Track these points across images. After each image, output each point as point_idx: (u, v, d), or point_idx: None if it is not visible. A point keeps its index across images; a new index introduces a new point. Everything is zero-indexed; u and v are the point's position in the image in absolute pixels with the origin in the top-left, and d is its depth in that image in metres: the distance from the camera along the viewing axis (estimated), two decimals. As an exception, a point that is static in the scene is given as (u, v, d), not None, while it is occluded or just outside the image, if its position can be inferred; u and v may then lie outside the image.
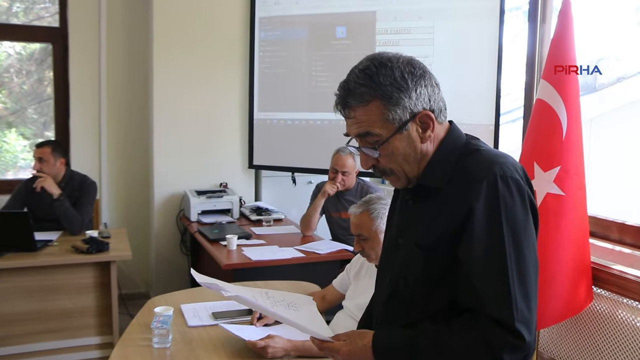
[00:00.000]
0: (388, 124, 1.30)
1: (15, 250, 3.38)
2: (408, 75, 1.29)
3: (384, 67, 1.29)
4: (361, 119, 1.32)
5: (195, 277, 1.69)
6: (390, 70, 1.29)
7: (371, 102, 1.30)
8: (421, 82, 1.31)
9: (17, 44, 4.97)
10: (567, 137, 2.82)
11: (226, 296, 1.59)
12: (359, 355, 1.37)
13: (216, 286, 1.62)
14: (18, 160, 5.14)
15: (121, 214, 5.00)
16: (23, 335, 3.37)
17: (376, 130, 1.31)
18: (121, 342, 2.25)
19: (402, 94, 1.28)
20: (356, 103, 1.31)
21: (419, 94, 1.30)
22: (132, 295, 4.79)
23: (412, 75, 1.30)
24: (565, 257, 2.79)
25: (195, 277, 1.69)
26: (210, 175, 4.87)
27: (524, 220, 1.26)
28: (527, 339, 1.21)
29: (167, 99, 4.71)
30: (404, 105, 1.29)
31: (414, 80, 1.30)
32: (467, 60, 4.03)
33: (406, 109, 1.29)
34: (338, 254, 3.59)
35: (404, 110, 1.29)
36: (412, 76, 1.30)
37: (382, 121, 1.30)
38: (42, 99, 5.08)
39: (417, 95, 1.30)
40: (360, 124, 1.32)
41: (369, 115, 1.31)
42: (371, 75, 1.29)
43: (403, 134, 1.31)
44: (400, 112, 1.29)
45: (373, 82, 1.29)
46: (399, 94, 1.28)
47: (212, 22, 4.76)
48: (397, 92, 1.28)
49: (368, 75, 1.29)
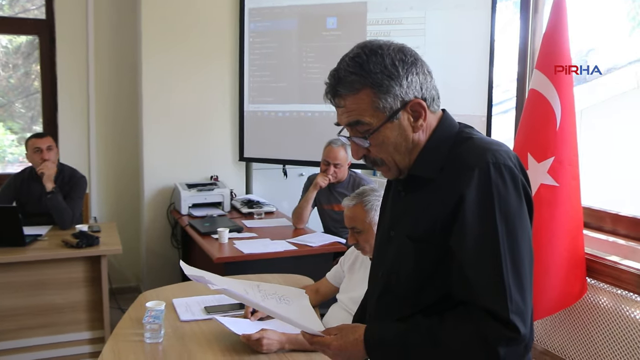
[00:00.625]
0: (379, 113, 1.28)
1: (4, 245, 3.34)
2: (399, 63, 1.27)
3: (375, 54, 1.27)
4: (351, 107, 1.29)
5: (184, 269, 1.67)
6: (381, 57, 1.26)
7: (361, 90, 1.27)
8: (412, 69, 1.28)
9: (2, 37, 4.90)
10: (561, 128, 2.82)
11: (213, 289, 1.57)
12: (350, 350, 1.34)
13: (203, 279, 1.60)
14: (6, 154, 5.08)
15: (111, 207, 4.96)
16: (13, 330, 3.33)
17: (366, 119, 1.28)
18: (113, 338, 2.22)
19: (392, 82, 1.26)
20: (346, 91, 1.28)
21: (410, 81, 1.27)
22: (123, 289, 4.76)
23: (403, 63, 1.27)
24: (559, 248, 2.79)
25: (184, 269, 1.67)
26: (200, 168, 4.83)
27: (517, 208, 1.23)
28: (522, 331, 1.18)
29: (156, 91, 4.66)
30: (394, 94, 1.26)
31: (405, 68, 1.27)
32: (459, 50, 4.02)
33: (397, 97, 1.27)
34: (331, 247, 3.57)
35: (394, 99, 1.27)
36: (403, 64, 1.27)
37: (372, 110, 1.28)
38: (29, 92, 5.02)
39: (409, 83, 1.27)
40: (351, 112, 1.30)
41: (359, 104, 1.28)
42: (361, 63, 1.26)
43: (394, 123, 1.29)
44: (391, 101, 1.27)
45: (363, 70, 1.26)
46: (389, 81, 1.26)
47: (201, 13, 4.71)
48: (387, 79, 1.26)
49: (358, 63, 1.27)
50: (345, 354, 1.35)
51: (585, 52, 4.15)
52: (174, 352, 2.11)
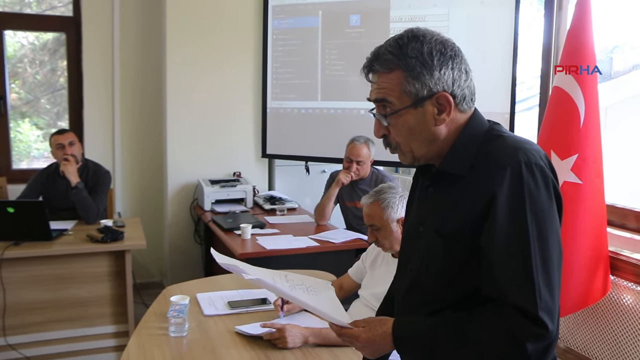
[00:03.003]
0: (404, 96, 1.30)
1: (31, 239, 3.39)
2: (436, 54, 1.28)
3: (416, 40, 1.29)
4: (382, 85, 1.32)
5: (215, 257, 1.69)
6: (420, 44, 1.28)
7: (394, 70, 1.29)
8: (449, 63, 1.29)
9: (30, 34, 4.98)
10: (585, 125, 2.80)
11: (247, 278, 1.59)
12: (378, 343, 1.36)
13: (236, 268, 1.62)
14: (32, 150, 5.17)
15: (135, 203, 5.02)
16: (39, 323, 3.39)
17: (392, 98, 1.31)
18: (137, 331, 2.26)
19: (424, 70, 1.28)
20: (380, 69, 1.31)
21: (442, 74, 1.29)
22: (147, 284, 4.82)
23: (441, 55, 1.29)
24: (582, 245, 2.78)
25: (215, 257, 1.69)
26: (223, 165, 4.87)
27: (548, 208, 1.24)
28: (550, 328, 1.19)
29: (180, 87, 4.71)
30: (423, 82, 1.28)
31: (441, 60, 1.28)
32: (483, 47, 3.99)
33: (425, 85, 1.28)
34: (353, 243, 3.58)
35: (422, 86, 1.28)
36: (440, 55, 1.28)
37: (399, 91, 1.30)
38: (55, 88, 5.10)
39: (440, 75, 1.28)
40: (380, 90, 1.33)
41: (389, 83, 1.31)
42: (401, 46, 1.29)
43: (417, 110, 1.30)
44: (419, 87, 1.28)
45: (401, 52, 1.29)
46: (421, 68, 1.28)
47: (225, 10, 4.75)
48: (420, 66, 1.28)
49: (399, 45, 1.29)
50: (373, 346, 1.37)
51: (611, 49, 4.12)
52: (197, 345, 2.14)
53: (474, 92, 1.36)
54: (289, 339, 2.10)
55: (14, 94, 5.03)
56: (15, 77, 5.00)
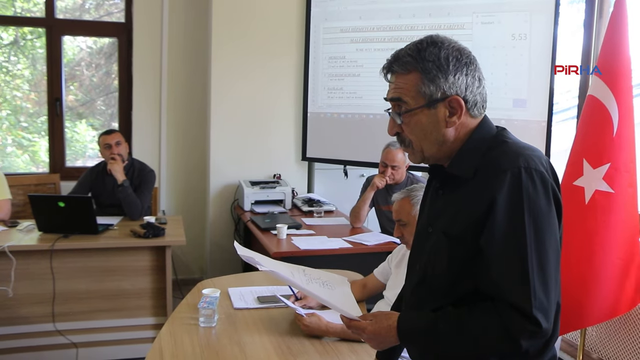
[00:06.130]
0: (419, 97, 1.37)
1: (79, 232, 3.56)
2: (452, 59, 1.36)
3: (434, 45, 1.37)
4: (399, 85, 1.40)
5: (237, 248, 1.80)
6: (438, 49, 1.36)
7: (411, 72, 1.38)
8: (463, 69, 1.37)
9: (88, 38, 5.23)
10: (619, 134, 2.79)
11: (261, 269, 1.68)
12: (383, 335, 1.43)
13: (253, 260, 1.72)
14: (87, 149, 5.40)
15: (179, 202, 5.18)
16: (85, 312, 3.55)
17: (407, 98, 1.39)
18: (170, 320, 2.38)
19: (440, 73, 1.35)
20: (399, 70, 1.40)
21: (457, 79, 1.36)
22: (187, 280, 4.94)
23: (457, 61, 1.36)
24: (612, 255, 2.76)
25: (237, 248, 1.80)
26: (264, 167, 4.99)
27: (546, 211, 1.29)
28: (543, 326, 1.24)
29: (224, 92, 4.85)
30: (438, 84, 1.36)
31: (456, 66, 1.36)
32: (521, 54, 3.98)
33: (439, 88, 1.36)
34: (385, 246, 3.61)
35: (437, 89, 1.36)
36: (456, 61, 1.36)
37: (415, 92, 1.38)
38: (109, 91, 5.32)
39: (455, 80, 1.36)
40: (396, 89, 1.41)
41: (406, 84, 1.39)
42: (420, 49, 1.37)
43: (430, 111, 1.38)
44: (433, 89, 1.36)
45: (419, 55, 1.37)
46: (437, 72, 1.35)
47: (270, 16, 4.86)
48: (436, 69, 1.35)
49: (417, 49, 1.38)
50: (379, 338, 1.45)
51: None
52: (225, 336, 2.25)
53: (485, 99, 1.42)
54: (306, 321, 2.23)
55: (72, 95, 5.27)
56: (74, 79, 5.25)
